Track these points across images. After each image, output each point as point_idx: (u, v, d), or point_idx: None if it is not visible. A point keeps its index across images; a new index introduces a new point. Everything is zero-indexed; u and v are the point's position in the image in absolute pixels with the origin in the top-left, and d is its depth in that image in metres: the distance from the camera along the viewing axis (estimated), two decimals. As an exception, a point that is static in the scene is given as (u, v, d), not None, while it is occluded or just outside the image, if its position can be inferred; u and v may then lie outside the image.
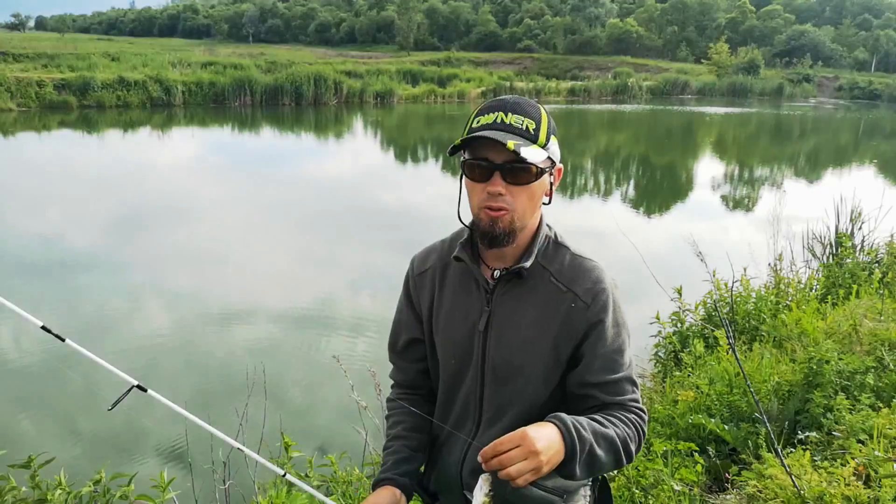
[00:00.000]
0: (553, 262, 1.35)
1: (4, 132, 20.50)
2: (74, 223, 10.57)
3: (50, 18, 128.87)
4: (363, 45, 73.43)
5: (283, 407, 4.75)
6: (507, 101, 1.28)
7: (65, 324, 6.60)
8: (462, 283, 1.41)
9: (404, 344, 1.54)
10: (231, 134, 23.04)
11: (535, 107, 1.29)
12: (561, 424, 1.15)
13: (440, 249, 1.49)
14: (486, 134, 1.22)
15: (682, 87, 49.04)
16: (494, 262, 1.37)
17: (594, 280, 1.34)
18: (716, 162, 21.11)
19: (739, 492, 2.64)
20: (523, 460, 1.07)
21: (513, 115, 1.25)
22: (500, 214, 1.26)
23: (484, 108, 1.29)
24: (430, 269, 1.47)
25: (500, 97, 1.32)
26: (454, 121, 29.13)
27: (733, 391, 3.37)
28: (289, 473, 1.94)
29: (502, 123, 1.24)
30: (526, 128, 1.24)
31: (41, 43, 45.56)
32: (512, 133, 1.23)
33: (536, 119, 1.27)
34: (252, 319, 6.81)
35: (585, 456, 1.16)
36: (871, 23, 69.43)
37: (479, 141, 1.24)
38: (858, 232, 6.85)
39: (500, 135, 1.21)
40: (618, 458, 1.22)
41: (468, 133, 1.27)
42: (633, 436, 1.26)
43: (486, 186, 1.26)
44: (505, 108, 1.26)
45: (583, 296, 1.32)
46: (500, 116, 1.25)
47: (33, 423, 4.89)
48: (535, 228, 1.36)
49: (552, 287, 1.33)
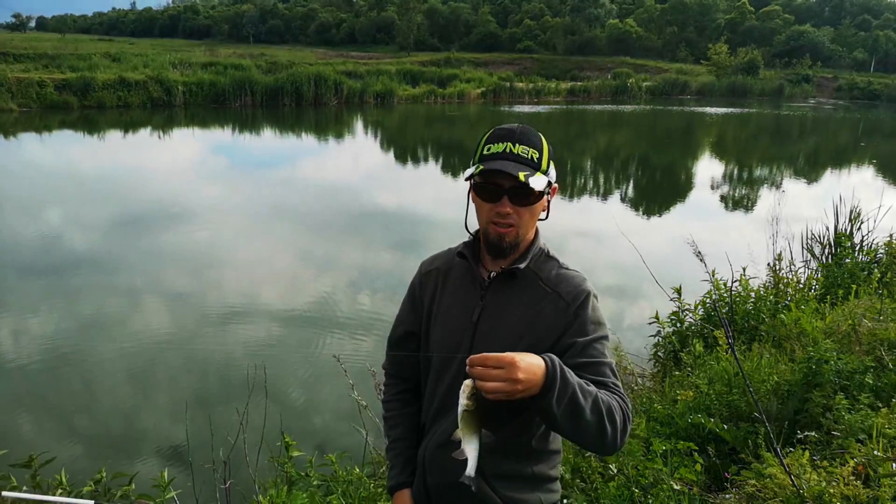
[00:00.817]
0: (543, 270, 1.52)
1: (5, 132, 20.51)
2: (74, 224, 10.58)
3: (51, 19, 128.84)
4: (363, 45, 73.39)
5: (284, 407, 4.76)
6: (514, 132, 1.45)
7: (64, 324, 6.61)
8: (462, 281, 1.58)
9: (400, 335, 1.70)
10: (231, 134, 23.05)
11: (537, 136, 1.47)
12: (549, 359, 1.24)
13: (446, 255, 1.66)
14: (500, 167, 1.40)
15: (681, 88, 49.03)
16: (492, 265, 1.54)
17: (576, 284, 1.50)
18: (715, 162, 21.12)
19: (739, 491, 2.65)
20: (501, 382, 1.17)
21: (520, 145, 1.43)
22: (508, 231, 1.46)
23: (494, 137, 1.46)
24: (436, 269, 1.64)
25: (507, 126, 1.48)
26: (454, 121, 29.13)
27: (732, 391, 3.38)
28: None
29: (511, 153, 1.42)
30: (531, 157, 1.43)
31: (42, 43, 45.51)
32: (519, 163, 1.41)
33: (540, 149, 1.45)
34: (252, 320, 6.82)
35: (567, 400, 1.24)
36: (871, 23, 69.38)
37: (492, 167, 1.42)
38: (857, 232, 6.85)
39: (512, 166, 1.40)
40: (601, 421, 1.28)
41: (480, 159, 1.45)
42: (617, 409, 1.33)
43: (495, 207, 1.45)
44: (513, 139, 1.44)
45: (565, 296, 1.48)
46: (508, 146, 1.43)
47: (33, 424, 4.89)
48: (532, 239, 1.54)
49: (540, 290, 1.49)
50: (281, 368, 5.64)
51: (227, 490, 2.99)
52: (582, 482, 2.81)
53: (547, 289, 1.48)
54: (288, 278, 8.33)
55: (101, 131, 21.76)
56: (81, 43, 51.09)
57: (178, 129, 23.38)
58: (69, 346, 6.05)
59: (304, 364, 5.90)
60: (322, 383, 5.47)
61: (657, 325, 4.75)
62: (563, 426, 1.26)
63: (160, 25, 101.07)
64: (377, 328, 6.54)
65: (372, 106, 32.11)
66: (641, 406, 3.75)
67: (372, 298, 7.60)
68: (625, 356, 4.44)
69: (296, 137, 23.56)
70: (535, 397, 1.21)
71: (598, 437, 1.29)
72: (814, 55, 61.15)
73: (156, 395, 5.31)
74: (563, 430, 1.29)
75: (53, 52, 34.34)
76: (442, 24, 72.34)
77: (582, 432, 1.28)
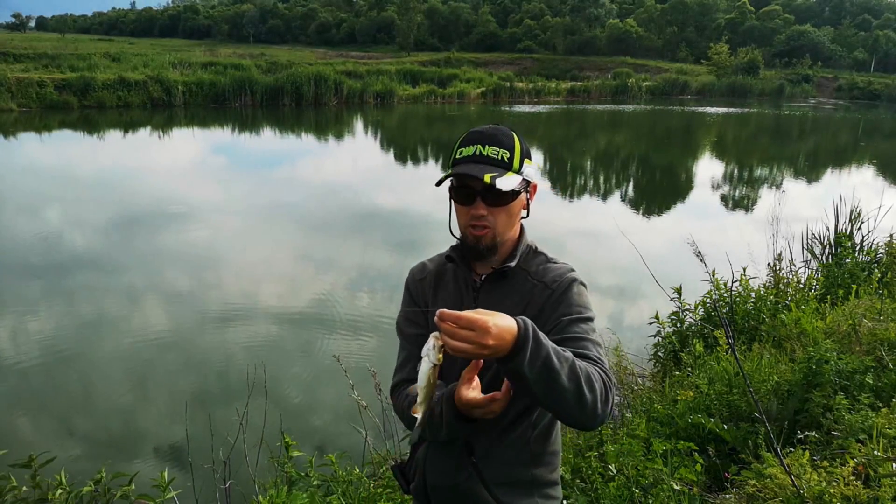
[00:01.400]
0: (531, 266, 1.54)
1: (5, 132, 20.51)
2: (74, 224, 10.58)
3: (51, 19, 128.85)
4: (363, 45, 73.40)
5: (283, 407, 4.76)
6: (484, 133, 1.47)
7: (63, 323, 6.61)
8: (455, 284, 1.59)
9: (411, 336, 1.62)
10: (231, 134, 23.05)
11: (509, 136, 1.48)
12: (521, 321, 1.20)
13: (437, 260, 1.66)
14: (466, 170, 1.42)
15: (681, 88, 49.04)
16: (481, 269, 1.56)
17: (562, 273, 1.51)
18: (715, 162, 21.12)
19: (739, 491, 2.65)
20: (468, 343, 1.15)
21: (489, 146, 1.45)
22: (484, 233, 1.47)
23: (465, 140, 1.49)
24: (428, 275, 1.64)
25: (478, 128, 1.49)
26: (454, 121, 29.13)
27: (733, 391, 3.38)
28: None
29: (480, 156, 1.44)
30: (501, 158, 1.44)
31: (42, 43, 45.54)
32: (488, 164, 1.43)
33: (510, 148, 1.46)
34: (252, 319, 6.81)
35: (540, 364, 1.19)
36: (871, 23, 69.41)
37: (458, 171, 1.44)
38: (857, 232, 6.85)
39: (478, 168, 1.42)
40: (578, 387, 1.23)
41: (452, 163, 1.48)
42: (597, 377, 1.28)
43: (469, 210, 1.47)
44: (483, 141, 1.46)
45: (550, 284, 1.50)
46: (478, 149, 1.45)
47: (31, 424, 4.89)
48: (517, 238, 1.56)
49: (529, 283, 1.51)
50: (280, 368, 5.64)
51: (227, 490, 2.99)
52: (582, 482, 2.81)
53: (535, 281, 1.50)
54: (288, 278, 8.33)
55: (100, 131, 21.76)
56: (81, 43, 51.11)
57: (178, 129, 23.38)
58: (68, 346, 6.05)
59: (304, 364, 5.90)
60: (322, 383, 5.47)
61: (657, 325, 4.75)
62: (538, 391, 1.21)
63: (160, 25, 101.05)
64: (377, 328, 6.54)
65: (372, 106, 32.11)
66: (641, 406, 3.75)
67: (372, 298, 7.60)
68: (625, 356, 4.44)
69: (296, 137, 23.56)
70: (505, 359, 1.18)
71: (577, 404, 1.23)
72: (814, 55, 61.17)
73: (155, 395, 5.31)
74: (538, 397, 1.23)
75: (53, 52, 34.35)
76: (442, 24, 72.34)
77: (558, 398, 1.23)
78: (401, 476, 1.67)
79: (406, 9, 65.83)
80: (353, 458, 3.31)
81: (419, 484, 1.62)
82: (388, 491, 2.88)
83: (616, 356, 4.31)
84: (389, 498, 2.84)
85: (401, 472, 1.67)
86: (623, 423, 3.60)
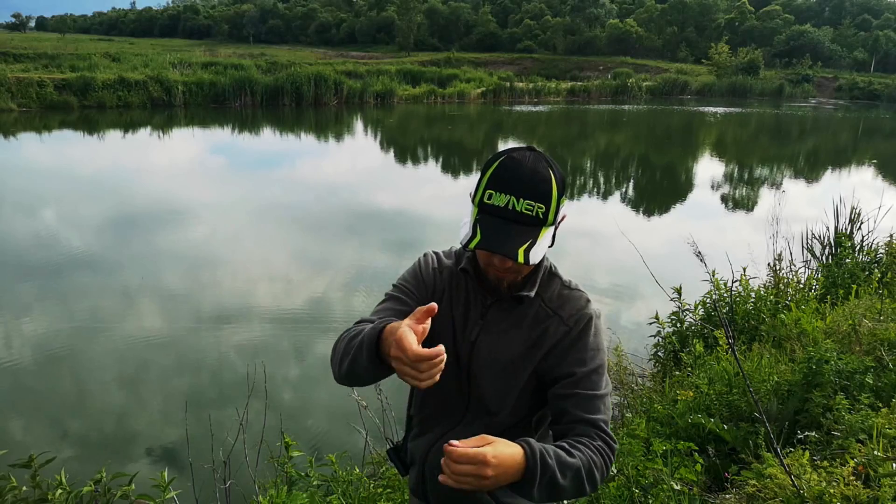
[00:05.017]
0: (546, 290, 1.45)
1: (5, 132, 20.50)
2: (72, 224, 10.58)
3: (51, 19, 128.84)
4: (363, 45, 73.40)
5: (283, 407, 4.76)
6: (521, 178, 1.28)
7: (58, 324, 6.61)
8: (465, 296, 1.49)
9: (398, 301, 1.51)
10: (231, 134, 23.04)
11: (547, 179, 1.29)
12: (528, 449, 1.18)
13: (452, 260, 1.55)
14: (495, 245, 1.27)
15: (681, 88, 49.01)
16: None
17: (578, 308, 1.43)
18: (715, 162, 21.12)
19: (739, 491, 2.65)
20: (469, 477, 1.11)
21: (524, 200, 1.27)
22: (507, 276, 1.38)
23: (497, 180, 1.29)
24: (444, 271, 1.53)
25: (514, 163, 1.30)
26: (454, 121, 29.12)
27: (733, 391, 3.38)
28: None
29: (513, 211, 1.27)
30: (536, 214, 1.28)
31: (42, 43, 45.56)
32: (521, 224, 1.28)
33: (547, 198, 1.29)
34: (250, 320, 6.81)
35: (546, 481, 1.20)
36: (871, 23, 69.37)
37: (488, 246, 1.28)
38: (857, 232, 6.85)
39: (510, 240, 1.27)
40: (580, 486, 1.26)
41: (479, 205, 1.31)
42: (598, 463, 1.29)
43: (493, 258, 1.34)
44: (518, 192, 1.27)
45: (567, 320, 1.42)
46: (511, 202, 1.27)
47: (28, 425, 4.88)
48: (539, 262, 1.44)
49: (541, 311, 1.43)
50: (279, 368, 5.64)
51: (227, 490, 2.99)
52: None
53: (549, 310, 1.43)
54: (285, 278, 8.33)
55: (100, 131, 21.75)
56: (81, 43, 51.14)
57: (178, 129, 23.37)
58: (64, 346, 6.05)
59: (304, 364, 5.91)
60: (321, 383, 5.46)
61: (657, 326, 4.75)
62: (539, 500, 1.24)
63: (160, 25, 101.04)
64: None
65: (372, 106, 32.09)
66: (641, 406, 3.75)
67: (369, 298, 7.59)
68: (625, 356, 4.44)
69: (295, 137, 23.55)
70: (512, 484, 1.18)
71: (576, 496, 1.30)
72: (814, 55, 61.15)
73: (153, 396, 5.31)
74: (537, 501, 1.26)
75: (53, 52, 34.36)
76: (442, 24, 72.32)
77: (559, 499, 1.27)
78: (396, 458, 1.67)
79: (406, 9, 65.83)
80: (352, 458, 3.31)
81: (417, 479, 1.62)
82: (388, 491, 2.88)
83: (616, 356, 4.31)
84: (389, 498, 2.84)
85: (396, 455, 1.67)
86: (623, 423, 3.60)
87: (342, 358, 1.36)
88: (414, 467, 1.64)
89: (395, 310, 1.46)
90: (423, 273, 1.53)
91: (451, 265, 1.53)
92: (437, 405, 1.55)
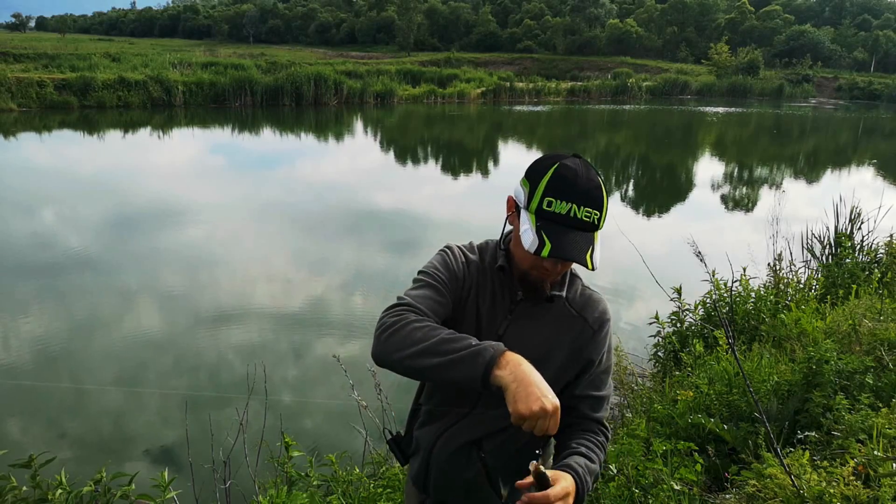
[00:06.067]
0: (569, 291, 1.54)
1: (5, 132, 20.50)
2: (71, 224, 10.57)
3: (51, 19, 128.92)
4: (363, 45, 73.43)
5: (283, 407, 4.75)
6: (579, 186, 1.34)
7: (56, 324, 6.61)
8: (496, 288, 1.53)
9: (440, 283, 1.50)
10: (231, 134, 23.04)
11: (599, 187, 1.37)
12: (577, 477, 1.33)
13: (478, 255, 1.57)
14: (565, 252, 1.32)
15: (681, 88, 49.02)
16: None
17: (601, 311, 1.54)
18: (715, 162, 21.12)
19: (739, 491, 2.64)
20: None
21: (584, 208, 1.34)
22: (550, 278, 1.44)
23: (556, 190, 1.34)
24: (472, 265, 1.55)
25: (570, 172, 1.35)
26: (454, 121, 29.13)
27: (733, 391, 3.38)
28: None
29: (575, 219, 1.33)
30: (593, 221, 1.35)
31: (42, 43, 45.55)
32: (583, 230, 1.34)
33: (601, 205, 1.37)
34: (250, 320, 6.81)
35: (586, 494, 1.38)
36: (871, 23, 69.38)
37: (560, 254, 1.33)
38: (857, 232, 6.85)
39: (577, 245, 1.33)
40: (596, 480, 1.47)
41: (537, 210, 1.35)
42: (603, 459, 1.50)
43: (543, 262, 1.39)
44: (579, 200, 1.33)
45: (592, 323, 1.52)
46: (573, 210, 1.33)
47: (26, 426, 4.88)
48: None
49: (565, 311, 1.52)
50: (279, 368, 5.64)
51: (227, 490, 2.98)
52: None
53: (573, 311, 1.52)
54: (284, 278, 8.33)
55: (100, 131, 21.75)
56: (81, 43, 51.14)
57: (178, 129, 23.37)
58: (62, 347, 6.05)
59: (304, 364, 5.90)
60: (321, 383, 5.47)
61: (657, 326, 4.75)
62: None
63: (160, 25, 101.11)
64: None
65: (372, 106, 32.09)
66: (641, 406, 3.75)
67: (368, 298, 7.59)
68: (625, 356, 4.44)
69: (295, 137, 23.55)
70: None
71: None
72: (814, 55, 61.16)
73: (152, 396, 5.31)
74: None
75: (53, 52, 34.34)
76: (442, 24, 72.34)
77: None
78: (396, 448, 1.69)
79: (406, 9, 65.82)
80: (353, 458, 3.31)
81: (420, 468, 1.64)
82: (389, 491, 2.88)
83: (616, 356, 4.30)
84: (389, 498, 2.84)
85: (396, 445, 1.69)
86: (623, 423, 3.60)
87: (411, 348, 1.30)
88: (417, 457, 1.66)
89: (436, 301, 1.45)
90: (455, 266, 1.53)
91: (476, 260, 1.56)
92: (448, 396, 1.57)
